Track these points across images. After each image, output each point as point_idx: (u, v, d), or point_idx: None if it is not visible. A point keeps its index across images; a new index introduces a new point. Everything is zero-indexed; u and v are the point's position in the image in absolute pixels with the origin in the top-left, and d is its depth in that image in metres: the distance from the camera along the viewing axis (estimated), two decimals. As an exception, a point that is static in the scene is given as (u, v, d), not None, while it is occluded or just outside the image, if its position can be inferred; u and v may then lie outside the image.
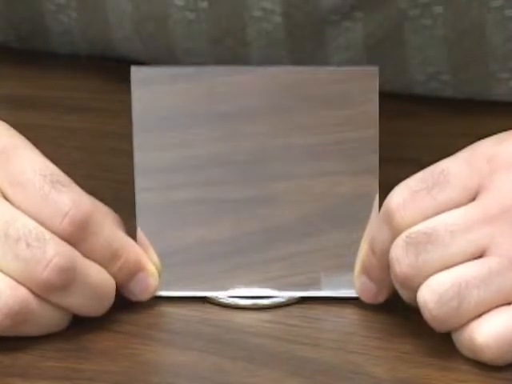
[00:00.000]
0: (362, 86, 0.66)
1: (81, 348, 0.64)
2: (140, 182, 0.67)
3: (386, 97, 0.69)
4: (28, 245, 0.65)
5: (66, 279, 0.65)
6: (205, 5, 0.94)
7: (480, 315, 0.61)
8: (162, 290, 0.68)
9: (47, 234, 0.66)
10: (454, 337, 0.62)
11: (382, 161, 0.67)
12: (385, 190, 0.65)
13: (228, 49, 0.94)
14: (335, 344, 0.64)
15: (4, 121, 0.73)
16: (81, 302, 0.66)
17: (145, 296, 0.69)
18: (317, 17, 0.94)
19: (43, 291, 0.65)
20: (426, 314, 0.61)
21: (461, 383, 0.60)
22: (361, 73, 0.67)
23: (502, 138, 0.65)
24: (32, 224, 0.66)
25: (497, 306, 0.61)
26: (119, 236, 0.69)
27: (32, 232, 0.66)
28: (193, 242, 0.68)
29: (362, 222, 0.67)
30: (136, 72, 0.66)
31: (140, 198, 0.68)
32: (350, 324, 0.67)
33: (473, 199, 0.63)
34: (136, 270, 0.69)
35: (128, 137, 0.69)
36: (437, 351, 0.63)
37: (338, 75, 0.68)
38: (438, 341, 0.63)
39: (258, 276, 0.68)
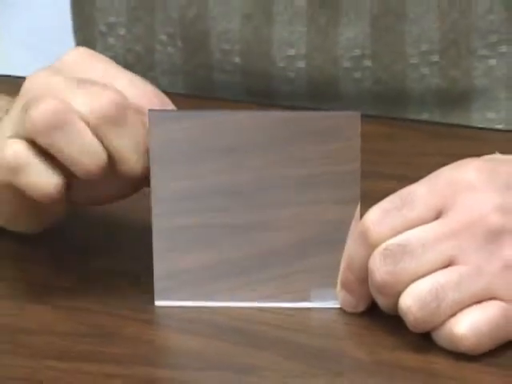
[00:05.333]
0: (346, 127, 0.70)
1: (107, 334, 0.68)
2: (155, 208, 0.71)
3: (370, 121, 0.73)
4: (92, 83, 0.70)
5: (121, 114, 0.69)
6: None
7: (456, 314, 0.65)
8: (165, 300, 0.72)
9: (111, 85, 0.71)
10: (434, 334, 0.66)
11: (363, 176, 0.70)
12: (364, 202, 0.70)
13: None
14: (323, 331, 0.69)
15: None
16: (126, 148, 0.70)
17: None
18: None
19: (101, 120, 0.69)
20: (409, 317, 0.65)
21: (433, 364, 0.65)
22: (345, 116, 0.70)
23: (461, 164, 0.68)
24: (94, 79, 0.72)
25: (469, 305, 0.65)
26: None
27: (97, 81, 0.71)
28: (197, 261, 0.71)
29: (344, 245, 0.70)
30: (153, 113, 0.70)
31: (155, 221, 0.72)
32: (336, 314, 0.70)
33: (437, 217, 0.66)
34: None
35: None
36: (413, 336, 0.66)
37: (325, 118, 0.72)
38: (415, 335, 0.66)
39: (256, 294, 0.71)
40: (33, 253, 0.83)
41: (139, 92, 0.74)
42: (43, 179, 0.69)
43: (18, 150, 0.69)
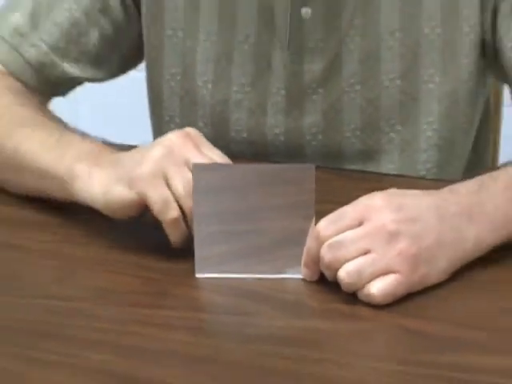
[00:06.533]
0: (305, 174, 0.83)
1: (165, 291, 0.85)
2: (197, 226, 0.84)
3: (319, 170, 0.84)
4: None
5: (193, 141, 0.85)
6: None
7: (370, 281, 0.79)
8: (202, 273, 0.85)
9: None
10: (358, 293, 0.80)
11: (315, 201, 0.83)
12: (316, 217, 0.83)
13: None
14: (293, 290, 0.85)
15: None
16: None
17: None
18: None
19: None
20: (343, 283, 0.80)
21: (359, 311, 0.80)
22: (304, 167, 0.84)
23: (372, 195, 0.83)
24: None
25: (378, 276, 0.79)
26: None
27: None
28: (224, 249, 0.85)
29: (305, 242, 0.84)
30: (196, 165, 0.84)
31: (196, 227, 0.85)
32: (300, 282, 0.85)
33: (359, 226, 0.81)
34: None
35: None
36: (346, 294, 0.81)
37: (291, 168, 0.86)
38: (345, 294, 0.81)
39: (258, 269, 0.85)
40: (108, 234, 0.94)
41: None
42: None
43: (166, 194, 0.85)
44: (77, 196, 0.90)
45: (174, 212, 0.85)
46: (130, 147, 0.93)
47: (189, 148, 0.86)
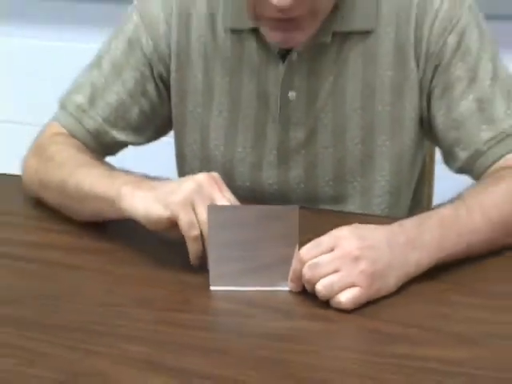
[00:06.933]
0: (289, 214, 0.82)
1: (186, 300, 0.83)
2: (211, 253, 0.84)
3: (301, 210, 0.82)
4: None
5: (215, 183, 0.86)
6: None
7: (338, 292, 0.79)
8: (216, 286, 0.84)
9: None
10: (330, 301, 0.79)
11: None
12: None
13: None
14: (283, 298, 0.83)
15: None
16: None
17: None
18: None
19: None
20: (320, 294, 0.80)
21: (331, 314, 0.79)
22: (288, 208, 0.83)
23: (340, 228, 0.83)
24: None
25: (344, 289, 0.79)
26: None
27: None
28: (233, 267, 0.84)
29: (291, 263, 0.83)
30: (210, 207, 0.83)
31: (210, 251, 0.84)
32: (288, 292, 0.83)
33: (331, 251, 0.80)
34: None
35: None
36: (322, 302, 0.80)
37: (278, 209, 0.84)
38: (321, 302, 0.80)
39: (259, 282, 0.84)
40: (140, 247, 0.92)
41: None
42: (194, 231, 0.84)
43: (192, 218, 0.85)
44: (124, 212, 0.89)
45: (196, 231, 0.84)
46: (165, 179, 0.93)
47: (213, 187, 0.86)
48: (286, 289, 0.85)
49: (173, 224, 0.85)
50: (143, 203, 0.86)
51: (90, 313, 0.81)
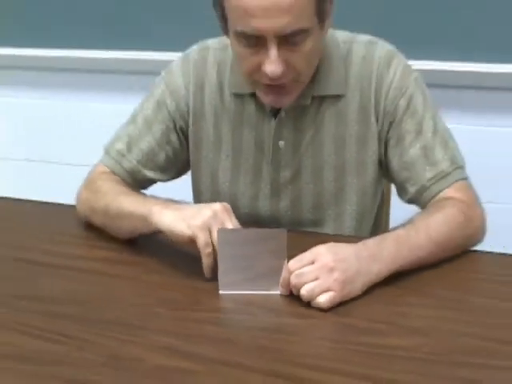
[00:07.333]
0: (278, 236, 0.80)
1: (198, 301, 0.81)
2: (220, 264, 0.82)
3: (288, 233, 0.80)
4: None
5: (222, 217, 0.83)
6: None
7: (318, 295, 0.78)
8: (224, 290, 0.82)
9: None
10: (311, 303, 0.78)
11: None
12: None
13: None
14: (275, 299, 0.81)
15: None
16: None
17: None
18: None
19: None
20: (303, 297, 0.78)
21: (312, 312, 0.77)
22: (278, 231, 0.80)
23: (317, 246, 0.81)
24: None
25: (322, 293, 0.78)
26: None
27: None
28: (238, 275, 0.82)
29: (281, 273, 0.80)
30: (220, 230, 0.82)
31: (220, 262, 0.82)
32: (279, 296, 0.81)
33: (312, 264, 0.79)
34: None
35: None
36: (306, 303, 0.79)
37: (269, 232, 0.81)
38: (304, 303, 0.79)
39: (257, 287, 0.81)
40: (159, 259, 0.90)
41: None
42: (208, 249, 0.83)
43: (208, 239, 0.83)
44: (154, 226, 0.87)
45: (210, 249, 0.83)
46: (186, 203, 0.92)
47: (225, 215, 0.85)
48: (278, 293, 0.84)
49: (192, 241, 0.84)
50: (169, 220, 0.85)
51: (125, 311, 0.80)
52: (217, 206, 0.85)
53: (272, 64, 0.85)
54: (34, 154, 1.93)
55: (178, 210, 0.86)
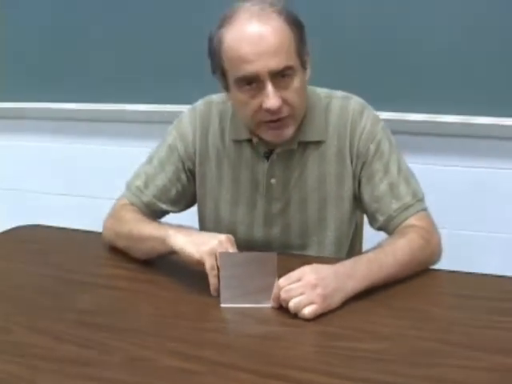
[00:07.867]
0: (268, 259, 0.80)
1: (205, 314, 0.80)
2: (222, 283, 0.81)
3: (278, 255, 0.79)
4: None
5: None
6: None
7: (303, 308, 0.77)
8: (225, 304, 0.82)
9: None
10: (298, 314, 0.77)
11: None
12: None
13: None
14: (268, 310, 0.80)
15: None
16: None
17: None
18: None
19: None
20: (291, 310, 0.78)
21: (299, 322, 0.77)
22: (268, 254, 0.80)
23: (303, 267, 0.81)
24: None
25: (306, 306, 0.77)
26: None
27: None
28: (238, 291, 0.80)
29: (273, 290, 0.80)
30: (221, 253, 0.82)
31: (222, 281, 0.81)
32: (271, 309, 0.80)
33: (298, 281, 0.79)
34: None
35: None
36: (294, 315, 0.79)
37: (261, 254, 0.80)
38: (292, 314, 0.78)
39: (253, 300, 0.80)
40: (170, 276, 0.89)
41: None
42: (214, 271, 0.83)
43: (214, 263, 0.82)
44: (169, 247, 0.87)
45: (215, 272, 0.83)
46: (194, 228, 0.93)
47: (228, 245, 0.85)
48: (269, 305, 0.83)
49: (199, 263, 0.84)
50: (181, 242, 0.85)
51: (144, 321, 0.79)
52: (222, 237, 0.85)
53: (270, 99, 0.86)
54: (68, 189, 1.94)
55: (189, 236, 0.86)
